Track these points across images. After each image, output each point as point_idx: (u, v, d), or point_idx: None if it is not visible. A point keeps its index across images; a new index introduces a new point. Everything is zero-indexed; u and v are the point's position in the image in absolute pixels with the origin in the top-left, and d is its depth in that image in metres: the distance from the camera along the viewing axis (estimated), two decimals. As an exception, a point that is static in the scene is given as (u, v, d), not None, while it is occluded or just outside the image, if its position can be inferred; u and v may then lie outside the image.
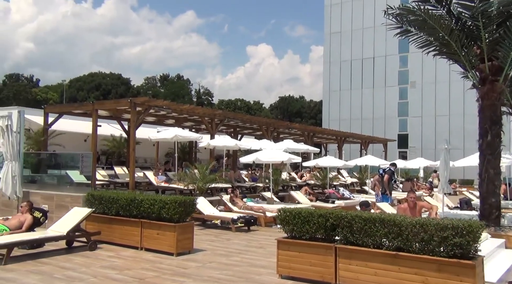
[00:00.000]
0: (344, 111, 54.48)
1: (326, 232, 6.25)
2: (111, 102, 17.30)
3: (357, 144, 30.75)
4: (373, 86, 53.06)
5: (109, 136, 20.43)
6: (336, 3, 55.89)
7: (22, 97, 58.82)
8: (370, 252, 5.80)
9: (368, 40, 52.98)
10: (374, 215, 6.05)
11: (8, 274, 6.70)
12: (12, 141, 10.86)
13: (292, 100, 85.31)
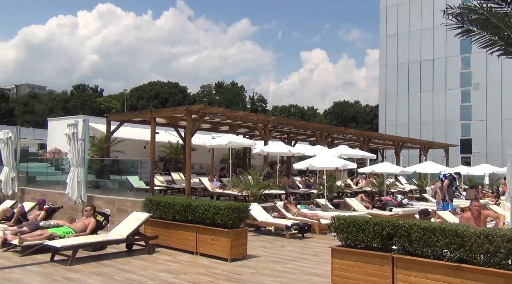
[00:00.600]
0: (401, 115, 52.74)
1: (382, 241, 6.05)
2: (168, 110, 17.90)
3: (416, 150, 29.58)
4: (432, 89, 51.01)
5: (166, 143, 21.07)
6: (392, 5, 54.43)
7: (87, 106, 62.32)
8: (430, 263, 5.53)
9: (426, 42, 51.06)
10: (434, 224, 5.77)
11: (73, 274, 7.07)
12: (78, 148, 11.51)
13: (347, 105, 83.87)
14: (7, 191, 13.58)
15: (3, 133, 13.94)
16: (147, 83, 73.01)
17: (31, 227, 9.29)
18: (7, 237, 8.83)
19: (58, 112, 57.11)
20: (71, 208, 12.12)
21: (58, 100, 68.30)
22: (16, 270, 7.30)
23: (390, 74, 54.31)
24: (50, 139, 22.87)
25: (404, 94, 53.01)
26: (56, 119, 24.84)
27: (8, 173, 13.64)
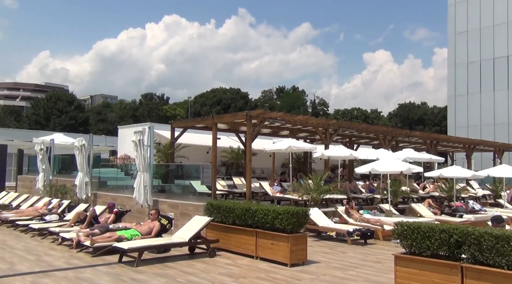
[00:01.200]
0: (473, 116, 49.66)
1: (450, 249, 5.70)
2: (229, 115, 18.19)
3: (490, 152, 27.71)
4: (507, 88, 47.60)
5: (228, 148, 21.43)
6: (461, 0, 51.64)
7: (154, 114, 65.06)
8: (503, 273, 5.14)
9: (500, 38, 47.78)
10: (508, 232, 5.35)
11: (139, 275, 7.37)
12: (144, 154, 12.05)
13: (413, 107, 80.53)
14: (81, 195, 14.51)
15: (78, 141, 14.94)
16: (210, 90, 74.92)
17: (101, 229, 9.82)
18: (80, 239, 9.40)
19: (128, 120, 60.16)
20: (138, 211, 12.67)
21: (128, 109, 71.99)
22: (87, 270, 7.74)
23: (460, 73, 51.40)
24: (120, 146, 24.11)
25: (475, 94, 49.91)
26: (126, 127, 26.16)
27: (82, 178, 14.57)
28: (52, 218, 12.68)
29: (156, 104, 71.77)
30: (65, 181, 16.65)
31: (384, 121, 75.15)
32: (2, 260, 8.22)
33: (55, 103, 59.27)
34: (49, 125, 55.07)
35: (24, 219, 12.73)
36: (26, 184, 20.18)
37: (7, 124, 54.97)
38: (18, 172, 23.62)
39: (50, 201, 14.47)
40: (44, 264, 8.13)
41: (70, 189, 15.44)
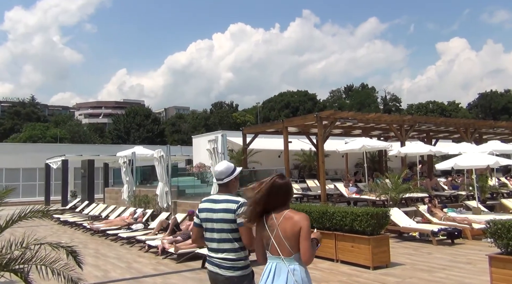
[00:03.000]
0: None
1: (553, 248, 5.20)
2: (298, 118, 18.16)
3: None
4: None
5: (299, 151, 21.38)
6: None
7: (225, 122, 66.69)
8: None
9: None
10: None
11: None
12: (218, 161, 12.35)
13: (495, 95, 74.89)
14: (163, 204, 15.19)
15: (157, 153, 15.69)
16: (277, 94, 75.27)
17: (184, 236, 10.21)
18: (165, 246, 9.83)
19: (200, 130, 62.18)
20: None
21: (200, 118, 74.42)
22: (173, 275, 8.07)
23: (547, 54, 47.02)
24: (195, 155, 24.98)
25: None
26: (199, 136, 27.07)
27: (163, 187, 15.26)
28: (138, 227, 13.41)
29: (226, 112, 73.49)
30: (147, 191, 17.55)
31: (463, 113, 70.71)
32: (97, 268, 8.82)
33: (134, 118, 62.89)
34: (129, 139, 58.54)
35: (113, 228, 13.59)
36: (113, 196, 21.57)
37: (92, 140, 59.29)
38: (104, 185, 25.34)
39: (135, 211, 15.34)
40: (134, 270, 8.60)
41: (152, 198, 16.23)
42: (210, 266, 3.47)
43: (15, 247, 3.73)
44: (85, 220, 16.72)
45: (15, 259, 3.64)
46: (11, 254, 3.67)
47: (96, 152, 31.75)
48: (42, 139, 53.21)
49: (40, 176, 32.10)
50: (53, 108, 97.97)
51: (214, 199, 3.59)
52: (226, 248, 3.40)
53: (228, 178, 3.59)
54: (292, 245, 3.05)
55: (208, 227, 3.51)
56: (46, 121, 70.32)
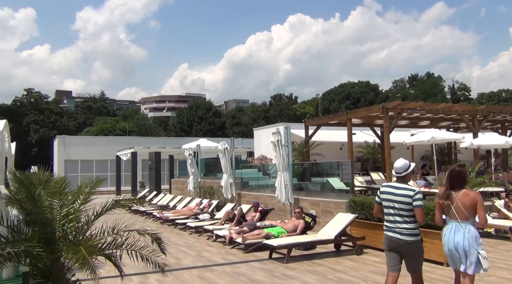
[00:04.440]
0: None
1: None
2: (363, 110, 17.74)
3: None
4: None
5: (363, 143, 20.92)
6: None
7: (285, 114, 66.72)
8: None
9: None
10: None
11: (290, 272, 7.64)
12: (283, 154, 12.43)
13: None
14: (227, 195, 15.55)
15: (221, 145, 16.06)
16: (337, 85, 74.03)
17: (250, 227, 10.42)
18: (232, 236, 10.10)
19: (260, 122, 62.69)
20: (281, 209, 13.11)
21: (260, 111, 75.01)
22: (242, 265, 8.29)
23: None
24: (257, 147, 25.25)
25: None
26: (260, 129, 27.31)
27: (227, 179, 15.61)
28: (205, 217, 13.87)
29: (285, 104, 73.47)
30: (212, 182, 18.05)
31: (541, 101, 65.46)
32: (170, 256, 9.20)
33: (196, 111, 64.66)
34: (192, 132, 60.33)
35: (181, 218, 14.15)
36: (178, 186, 22.40)
37: (158, 133, 61.77)
38: (170, 176, 26.36)
39: (201, 201, 15.85)
40: (204, 259, 8.93)
41: (217, 189, 16.67)
42: (391, 233, 4.96)
43: (107, 233, 4.03)
44: (155, 209, 17.54)
45: (108, 244, 3.93)
46: (105, 239, 3.97)
47: (162, 144, 33.07)
48: (112, 133, 56.25)
49: (111, 167, 34.00)
50: (120, 103, 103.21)
51: (395, 186, 5.04)
52: (404, 221, 4.86)
53: (405, 172, 5.00)
54: (469, 213, 4.78)
55: (389, 205, 4.98)
56: (115, 116, 74.23)
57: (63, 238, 3.79)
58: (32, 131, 57.40)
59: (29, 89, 63.24)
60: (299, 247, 9.23)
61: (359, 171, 20.91)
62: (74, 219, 3.98)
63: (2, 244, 3.42)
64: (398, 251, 4.99)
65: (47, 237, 3.74)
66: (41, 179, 4.94)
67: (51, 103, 65.03)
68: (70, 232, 3.93)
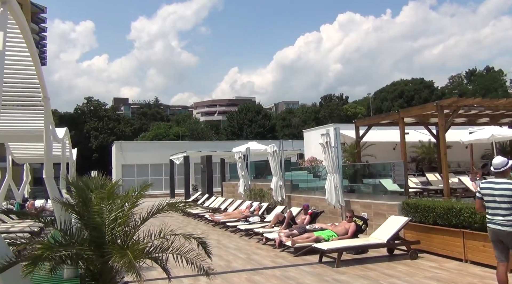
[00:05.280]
0: None
1: None
2: (416, 108, 17.07)
3: None
4: None
5: (417, 143, 20.17)
6: None
7: (335, 115, 65.75)
8: None
9: None
10: None
11: (341, 276, 7.47)
12: (332, 155, 12.24)
13: None
14: (277, 198, 15.53)
15: (270, 147, 16.08)
16: (390, 83, 71.95)
17: (300, 230, 10.32)
18: (282, 239, 10.05)
19: (310, 124, 62.18)
20: (331, 212, 12.90)
21: (310, 112, 74.42)
22: (291, 269, 8.22)
23: None
24: (307, 149, 25.06)
25: None
26: (309, 130, 27.08)
27: (277, 181, 15.60)
28: (255, 220, 13.91)
29: (336, 104, 72.41)
30: (262, 185, 18.10)
31: None
32: (220, 258, 9.36)
33: (246, 114, 65.28)
34: (242, 135, 60.94)
35: (232, 220, 14.29)
36: (230, 189, 22.67)
37: (209, 137, 62.96)
38: (222, 179, 26.75)
39: (251, 204, 15.93)
40: (254, 262, 8.95)
41: (267, 192, 16.69)
42: (493, 225, 5.44)
43: (154, 237, 4.13)
44: (206, 212, 17.85)
45: (155, 247, 4.03)
46: (151, 243, 4.07)
47: (213, 148, 33.66)
48: (166, 137, 58.02)
49: (165, 171, 35.04)
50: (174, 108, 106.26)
51: (494, 181, 5.51)
52: (506, 213, 5.26)
53: (504, 167, 5.47)
54: None
55: (490, 199, 5.47)
56: (168, 121, 76.53)
57: (112, 241, 3.92)
58: (92, 137, 60.43)
59: (89, 97, 66.75)
60: (350, 250, 9.03)
61: (414, 172, 20.17)
62: (123, 223, 4.12)
63: (54, 247, 3.61)
64: (501, 241, 5.41)
65: (97, 241, 3.90)
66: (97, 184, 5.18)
67: (109, 111, 68.21)
68: (119, 236, 4.07)
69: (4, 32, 4.04)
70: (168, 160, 32.01)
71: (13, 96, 8.00)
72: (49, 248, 3.52)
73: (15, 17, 4.66)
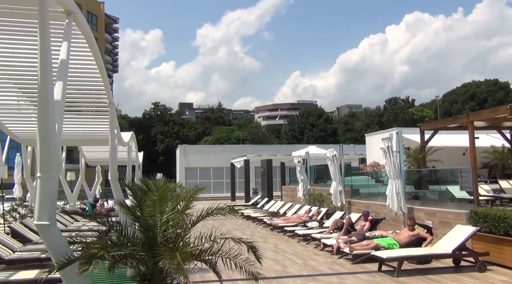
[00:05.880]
0: None
1: None
2: (487, 111, 16.03)
3: None
4: None
5: (489, 148, 18.90)
6: None
7: (400, 118, 63.43)
8: None
9: None
10: None
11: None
12: (394, 160, 11.80)
13: None
14: (337, 203, 15.22)
15: (329, 152, 15.82)
16: (460, 85, 68.24)
17: (359, 237, 10.03)
18: (340, 245, 9.82)
19: (374, 128, 60.48)
20: (393, 219, 12.42)
21: (373, 116, 72.46)
22: (349, 276, 7.99)
23: None
24: (369, 154, 24.38)
25: None
26: (372, 134, 26.34)
27: (336, 186, 15.30)
28: (313, 225, 13.73)
29: (401, 108, 69.87)
30: (321, 189, 17.84)
31: None
32: (276, 262, 9.33)
33: (307, 118, 64.87)
34: (303, 139, 60.59)
35: (290, 225, 14.21)
36: (289, 193, 22.58)
37: (270, 141, 63.28)
38: (282, 183, 26.73)
39: (310, 209, 15.75)
40: (310, 268, 8.82)
41: (326, 197, 16.42)
42: None
43: (205, 240, 4.19)
44: (265, 216, 17.90)
45: (205, 250, 4.09)
46: (202, 246, 4.14)
47: (274, 152, 33.75)
48: (228, 141, 59.10)
49: (226, 174, 35.67)
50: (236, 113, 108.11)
51: None
52: None
53: None
54: None
55: None
56: (230, 125, 77.94)
57: (164, 243, 4.04)
58: (159, 141, 63.01)
59: (156, 103, 69.79)
60: (411, 260, 8.63)
61: (485, 179, 18.91)
62: (175, 225, 4.23)
63: (109, 247, 3.79)
64: None
65: (150, 242, 4.03)
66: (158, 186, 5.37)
67: (174, 115, 70.84)
68: (170, 238, 4.18)
69: (68, 42, 4.31)
70: (230, 163, 32.56)
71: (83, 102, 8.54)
72: (104, 247, 3.70)
73: (81, 28, 4.96)
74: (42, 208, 3.83)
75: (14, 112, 9.26)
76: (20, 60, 6.68)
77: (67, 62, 4.30)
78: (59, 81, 4.16)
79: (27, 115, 9.41)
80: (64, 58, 4.26)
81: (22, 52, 6.33)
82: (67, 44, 4.30)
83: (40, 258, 8.16)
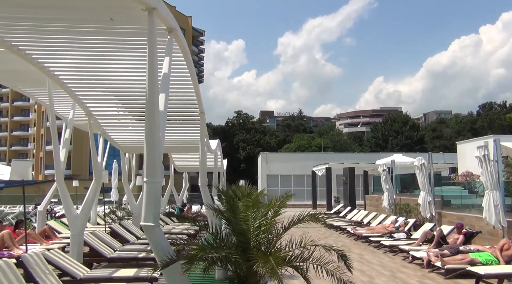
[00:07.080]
0: None
1: None
2: None
3: None
4: None
5: None
6: None
7: (496, 125, 58.75)
8: None
9: None
10: None
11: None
12: (491, 170, 11.00)
13: None
14: (426, 214, 14.50)
15: (418, 160, 15.14)
16: None
17: (451, 250, 9.47)
18: (431, 259, 9.35)
19: (466, 135, 56.65)
20: (490, 233, 11.54)
21: (465, 122, 67.96)
22: (442, 291, 7.58)
23: None
24: (461, 162, 22.87)
25: None
26: (464, 142, 24.69)
27: (425, 196, 14.58)
28: (400, 236, 13.20)
29: (497, 113, 64.72)
30: (408, 199, 17.10)
31: None
32: (362, 273, 9.13)
33: (391, 125, 62.56)
34: (387, 147, 58.48)
35: (375, 235, 13.79)
36: (373, 203, 21.92)
37: (352, 149, 61.94)
38: (365, 192, 26.03)
39: (396, 219, 15.16)
40: (399, 280, 8.50)
41: (414, 207, 15.70)
42: None
43: (295, 246, 4.27)
44: (348, 225, 17.54)
45: (295, 256, 4.16)
46: (293, 252, 4.22)
47: (356, 160, 33.02)
48: (308, 149, 58.87)
49: (307, 182, 35.52)
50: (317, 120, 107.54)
51: None
52: None
53: None
54: None
55: None
56: (311, 132, 77.67)
57: (256, 247, 4.18)
58: (241, 148, 64.59)
59: (239, 111, 71.75)
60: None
61: None
62: (266, 230, 4.35)
63: (207, 249, 4.00)
64: None
65: (243, 246, 4.19)
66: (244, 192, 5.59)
67: (256, 123, 72.22)
68: (262, 243, 4.31)
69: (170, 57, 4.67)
70: (311, 171, 32.41)
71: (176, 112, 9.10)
72: (203, 249, 3.93)
73: (180, 43, 5.34)
74: (148, 210, 4.17)
75: (115, 122, 10.12)
76: (121, 74, 7.33)
77: (168, 75, 4.66)
78: (162, 93, 4.51)
79: (125, 125, 10.25)
80: (166, 72, 4.61)
81: (123, 67, 6.95)
82: (168, 59, 4.66)
83: (137, 258, 8.82)
